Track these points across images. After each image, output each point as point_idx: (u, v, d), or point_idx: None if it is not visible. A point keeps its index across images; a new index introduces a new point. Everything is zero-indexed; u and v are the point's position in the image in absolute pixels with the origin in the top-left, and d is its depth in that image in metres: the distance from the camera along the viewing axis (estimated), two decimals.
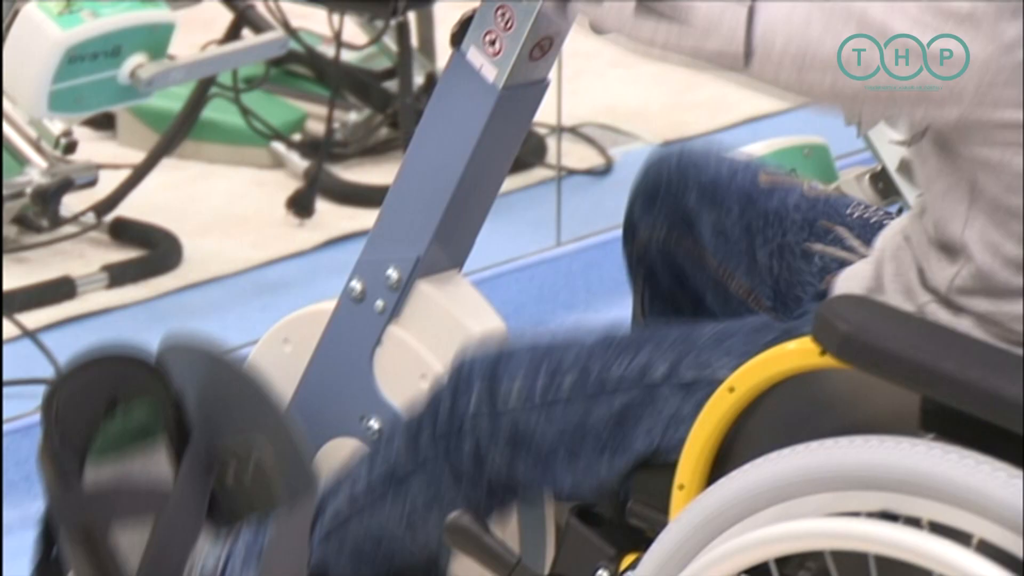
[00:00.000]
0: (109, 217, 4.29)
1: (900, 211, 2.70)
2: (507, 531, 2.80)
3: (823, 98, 2.41)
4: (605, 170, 4.52)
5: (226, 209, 4.42)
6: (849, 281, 2.46)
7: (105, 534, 2.84)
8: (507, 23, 2.56)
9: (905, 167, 3.28)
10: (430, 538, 2.65)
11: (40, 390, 3.76)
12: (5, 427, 3.77)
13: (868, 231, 2.56)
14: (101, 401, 2.75)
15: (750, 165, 2.78)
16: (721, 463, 2.40)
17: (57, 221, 4.22)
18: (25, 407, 3.88)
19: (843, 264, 2.56)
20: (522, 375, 2.54)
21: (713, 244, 2.67)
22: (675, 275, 2.71)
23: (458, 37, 2.67)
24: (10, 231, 4.24)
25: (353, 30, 4.38)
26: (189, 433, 2.73)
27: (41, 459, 2.84)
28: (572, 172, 4.43)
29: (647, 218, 2.70)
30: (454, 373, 2.61)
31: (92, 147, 4.35)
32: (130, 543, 2.81)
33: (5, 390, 3.92)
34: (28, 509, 3.31)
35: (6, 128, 4.20)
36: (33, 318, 4.00)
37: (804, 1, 2.29)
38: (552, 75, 2.70)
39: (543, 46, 2.57)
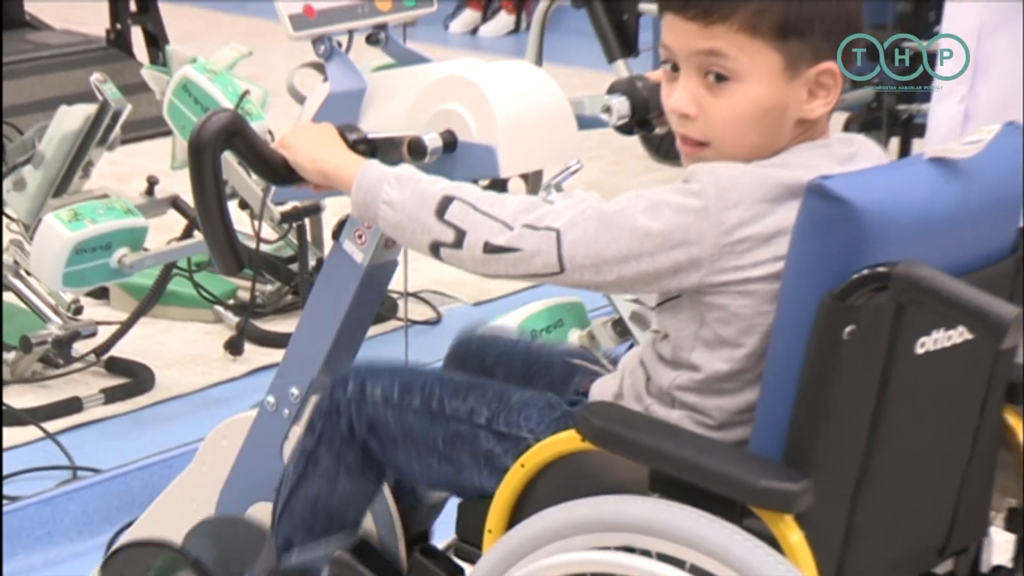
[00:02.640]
0: (104, 357, 4.22)
1: (631, 346, 2.66)
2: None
3: (613, 286, 2.34)
4: (436, 321, 4.48)
5: (183, 350, 4.41)
6: (600, 388, 2.48)
7: None
8: (368, 226, 2.52)
9: (635, 317, 3.26)
10: (344, 488, 2.59)
11: (56, 474, 3.74)
12: (29, 501, 3.66)
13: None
14: (141, 564, 2.87)
15: (527, 338, 2.74)
16: (517, 513, 2.39)
17: (69, 360, 4.19)
18: (46, 485, 3.75)
19: (597, 374, 2.50)
20: (383, 384, 2.53)
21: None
22: None
23: (337, 233, 2.65)
24: (37, 366, 4.24)
25: (267, 231, 4.32)
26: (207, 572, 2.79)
27: None
28: (414, 323, 4.39)
29: (457, 365, 2.69)
30: (337, 377, 2.59)
31: (92, 310, 4.33)
32: None
33: (32, 474, 3.83)
34: None
35: (33, 297, 4.11)
36: (52, 425, 3.95)
37: (591, 221, 2.23)
38: (400, 258, 2.65)
39: (391, 241, 2.54)
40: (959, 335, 2.22)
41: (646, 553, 2.22)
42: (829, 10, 2.24)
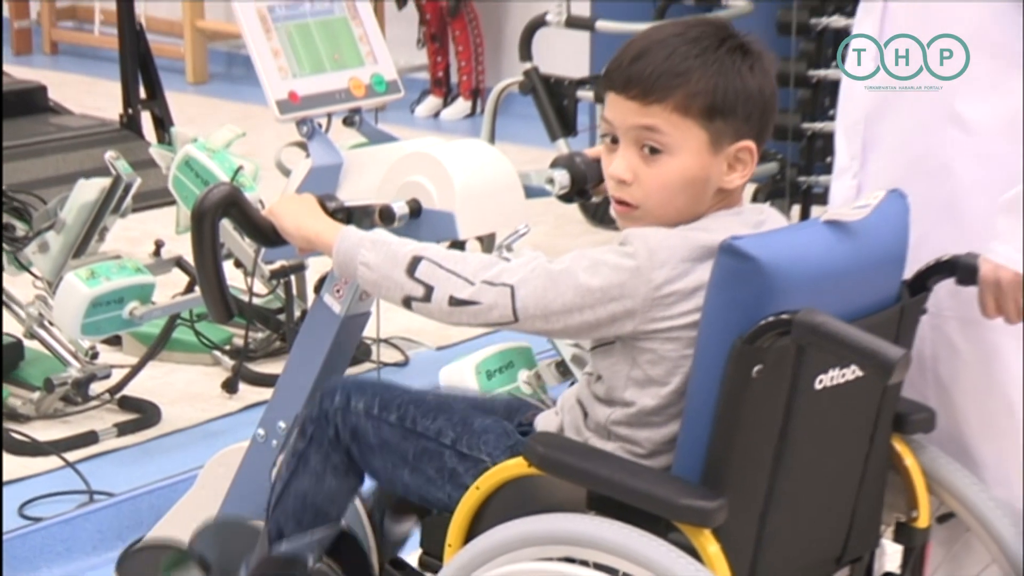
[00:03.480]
0: (117, 395, 4.20)
1: (572, 383, 2.66)
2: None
3: (560, 334, 2.40)
4: (404, 364, 4.47)
5: (186, 389, 4.38)
6: (543, 422, 2.46)
7: None
8: (345, 281, 2.52)
9: (575, 359, 3.26)
10: (330, 486, 2.57)
11: (75, 498, 3.71)
12: (51, 521, 3.65)
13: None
14: (151, 563, 2.86)
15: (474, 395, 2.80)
16: (473, 529, 2.38)
17: (86, 398, 4.16)
18: (66, 507, 3.73)
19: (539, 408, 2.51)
20: (366, 398, 2.52)
21: None
22: None
23: (319, 288, 2.68)
24: (58, 404, 4.19)
25: (258, 286, 4.31)
26: (210, 569, 2.74)
27: None
28: (385, 364, 4.37)
29: None
30: (326, 389, 2.58)
31: (107, 355, 4.30)
32: None
33: (54, 498, 3.80)
34: None
35: (55, 345, 4.12)
36: (72, 455, 3.92)
37: (541, 278, 2.24)
38: (372, 308, 2.65)
39: (365, 294, 2.54)
40: (852, 372, 2.22)
41: (584, 563, 2.21)
42: (749, 96, 2.25)
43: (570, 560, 2.23)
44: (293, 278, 4.39)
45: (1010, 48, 2.36)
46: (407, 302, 2.34)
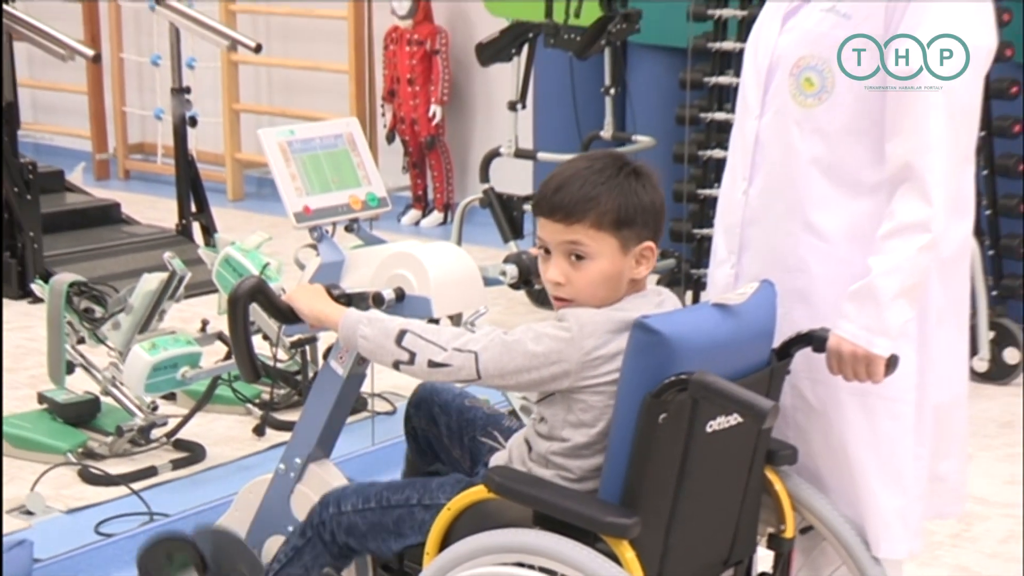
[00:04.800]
0: (172, 438, 4.13)
1: (519, 428, 2.63)
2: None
3: (513, 388, 2.36)
4: (393, 413, 4.41)
5: (224, 433, 4.32)
6: (496, 458, 2.45)
7: None
8: (347, 350, 2.49)
9: (523, 408, 3.23)
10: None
11: (139, 518, 3.66)
12: (120, 536, 3.63)
13: (508, 433, 2.49)
14: (163, 556, 2.66)
15: (461, 394, 2.69)
16: (446, 540, 2.35)
17: (148, 441, 4.09)
18: (132, 526, 3.69)
19: (494, 450, 2.46)
20: (351, 500, 2.50)
21: (446, 433, 2.62)
22: (428, 444, 2.66)
23: (326, 355, 2.61)
24: (126, 446, 4.10)
25: (281, 354, 4.27)
26: (207, 566, 2.60)
27: None
28: (378, 413, 4.32)
29: (415, 419, 2.64)
30: (322, 499, 2.56)
31: (164, 407, 4.24)
32: None
33: (123, 518, 3.73)
34: None
35: (124, 400, 4.12)
36: (136, 485, 3.83)
37: (498, 346, 2.23)
38: (368, 371, 2.61)
39: (363, 359, 2.50)
40: (734, 419, 2.21)
41: (532, 567, 2.20)
42: (645, 208, 2.25)
43: (521, 565, 2.21)
44: (307, 347, 4.36)
45: (854, 176, 2.35)
46: (396, 365, 2.32)
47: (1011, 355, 4.86)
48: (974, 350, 4.75)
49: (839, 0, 2.32)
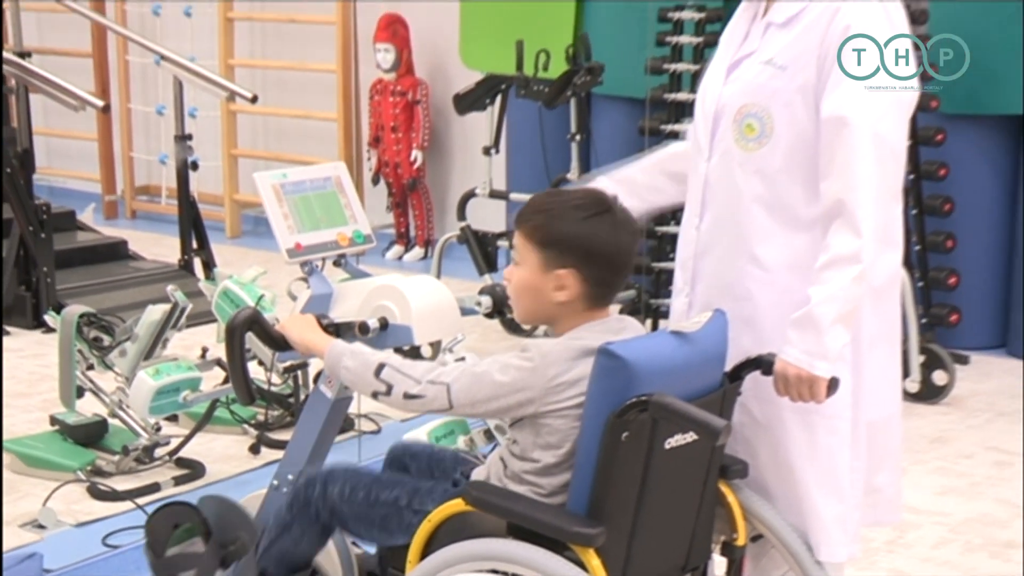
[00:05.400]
0: (174, 456, 4.10)
1: (495, 446, 2.62)
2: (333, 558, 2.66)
3: (483, 415, 2.38)
4: (377, 432, 4.39)
5: (222, 452, 4.30)
6: (476, 473, 2.44)
7: None
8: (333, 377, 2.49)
9: (497, 428, 3.21)
10: (305, 550, 2.54)
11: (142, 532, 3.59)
12: (125, 548, 3.60)
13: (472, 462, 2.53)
14: (170, 524, 2.59)
15: (430, 445, 2.73)
16: (428, 548, 2.32)
17: (152, 459, 4.05)
18: (137, 538, 3.54)
19: (473, 466, 2.48)
20: (339, 483, 2.46)
21: (417, 474, 2.59)
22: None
23: (316, 379, 2.58)
24: (132, 464, 4.09)
25: (275, 378, 4.25)
26: (211, 532, 2.54)
27: (146, 548, 2.63)
28: (364, 432, 4.30)
29: (392, 470, 2.61)
30: (307, 479, 2.52)
31: (167, 428, 4.21)
32: None
33: (129, 531, 3.67)
34: None
35: (131, 421, 4.10)
36: (141, 500, 3.80)
37: (467, 378, 2.22)
38: (354, 393, 2.60)
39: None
40: (691, 437, 2.20)
41: (505, 574, 2.18)
42: (574, 238, 2.22)
43: (495, 571, 2.19)
44: (299, 372, 4.34)
45: (793, 212, 2.36)
46: (374, 395, 2.30)
47: (940, 377, 4.87)
48: (906, 372, 4.77)
49: (776, 53, 2.34)
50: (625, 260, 2.27)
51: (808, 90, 2.29)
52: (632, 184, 2.64)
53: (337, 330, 2.50)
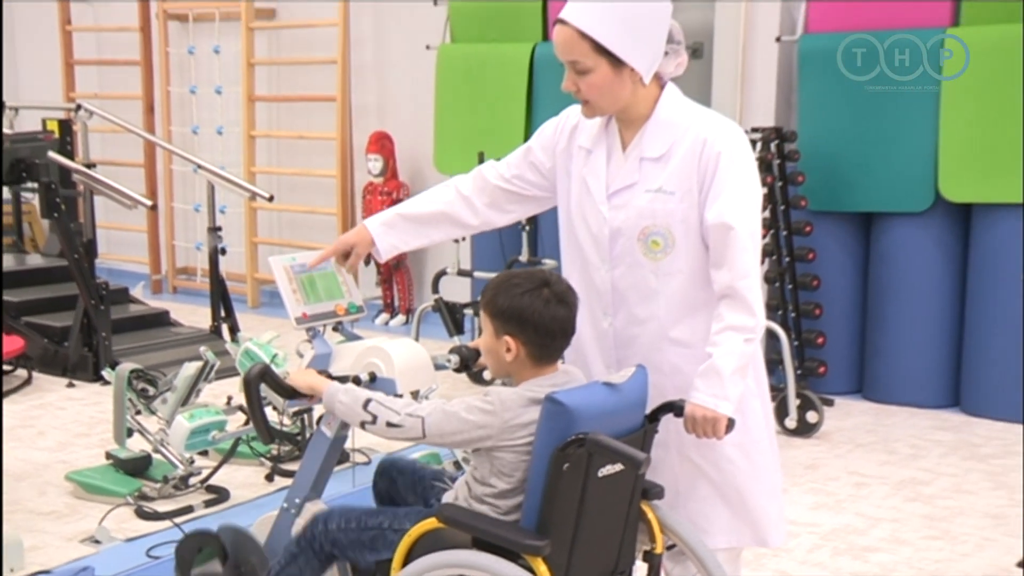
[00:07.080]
0: (205, 484, 4.01)
1: (463, 473, 2.57)
2: None
3: (451, 446, 2.30)
4: (368, 463, 4.31)
5: (244, 480, 4.21)
6: (447, 496, 2.36)
7: None
8: (333, 417, 2.42)
9: (464, 460, 3.16)
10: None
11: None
12: (167, 558, 3.47)
13: (453, 479, 2.45)
14: (195, 548, 2.51)
15: (414, 461, 2.63)
16: (407, 560, 2.25)
17: (187, 486, 3.97)
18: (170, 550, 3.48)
19: (443, 491, 2.40)
20: (336, 520, 2.41)
21: (403, 487, 2.56)
22: (391, 499, 2.57)
23: (318, 422, 2.55)
24: (171, 490, 4.01)
25: (286, 420, 4.18)
26: (228, 556, 2.46)
27: (175, 568, 2.53)
28: (357, 463, 4.23)
29: (380, 483, 2.58)
30: (313, 518, 2.46)
31: (200, 461, 4.14)
32: None
33: (169, 544, 3.53)
34: None
35: (170, 456, 4.04)
36: (178, 519, 3.71)
37: (439, 414, 2.17)
38: (349, 433, 2.55)
39: (345, 425, 2.45)
40: (619, 467, 2.16)
41: None
42: (512, 312, 2.17)
43: None
44: (306, 416, 4.28)
45: (697, 297, 2.33)
46: (363, 424, 2.25)
47: (812, 416, 4.86)
48: (786, 413, 4.81)
49: (663, 183, 2.28)
50: (560, 327, 2.19)
51: (695, 205, 2.27)
52: (396, 228, 2.55)
53: None
